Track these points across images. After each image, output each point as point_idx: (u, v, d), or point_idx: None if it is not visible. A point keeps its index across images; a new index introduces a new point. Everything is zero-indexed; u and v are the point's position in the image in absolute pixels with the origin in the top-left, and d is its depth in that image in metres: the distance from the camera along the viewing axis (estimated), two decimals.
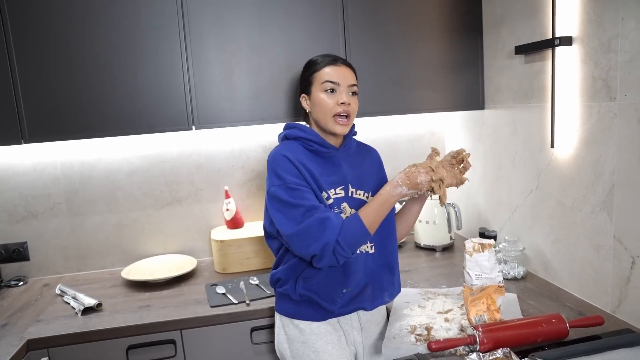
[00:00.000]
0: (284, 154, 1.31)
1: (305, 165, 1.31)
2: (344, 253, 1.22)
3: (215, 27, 1.74)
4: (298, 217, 1.25)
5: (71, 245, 2.06)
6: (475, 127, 2.07)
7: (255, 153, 2.16)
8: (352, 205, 1.36)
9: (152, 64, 1.72)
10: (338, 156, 1.40)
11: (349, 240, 1.22)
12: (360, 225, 1.23)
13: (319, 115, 1.37)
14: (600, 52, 1.35)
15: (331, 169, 1.38)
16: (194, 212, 2.15)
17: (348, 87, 1.36)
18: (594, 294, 1.46)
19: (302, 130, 1.39)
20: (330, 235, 1.20)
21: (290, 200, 1.26)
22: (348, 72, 1.38)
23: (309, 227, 1.22)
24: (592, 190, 1.43)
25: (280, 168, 1.30)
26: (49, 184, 2.02)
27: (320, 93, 1.36)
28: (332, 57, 1.39)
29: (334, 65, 1.37)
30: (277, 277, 1.41)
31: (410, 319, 1.44)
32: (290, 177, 1.28)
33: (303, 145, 1.37)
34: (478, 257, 1.35)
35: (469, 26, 1.93)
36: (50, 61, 1.66)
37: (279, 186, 1.28)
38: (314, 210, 1.24)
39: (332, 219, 1.22)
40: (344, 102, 1.34)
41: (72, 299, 1.71)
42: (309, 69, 1.40)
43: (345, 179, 1.38)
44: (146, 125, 1.74)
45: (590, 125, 1.41)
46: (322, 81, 1.35)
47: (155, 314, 1.59)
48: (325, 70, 1.36)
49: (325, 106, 1.35)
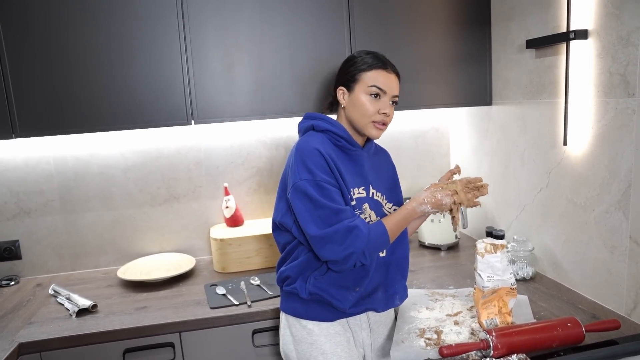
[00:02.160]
0: (316, 147, 1.25)
1: (335, 162, 1.26)
2: (364, 261, 1.22)
3: (215, 18, 1.68)
4: (326, 219, 1.20)
5: (65, 244, 2.00)
6: (481, 124, 2.02)
7: (256, 149, 2.10)
8: (372, 207, 1.32)
9: (149, 55, 1.65)
10: (362, 156, 1.37)
11: (373, 250, 1.23)
12: (385, 236, 1.24)
13: (356, 117, 1.32)
14: (619, 46, 1.30)
15: (355, 168, 1.33)
16: (192, 210, 2.08)
17: (391, 97, 1.32)
18: (608, 296, 1.42)
19: (331, 123, 1.33)
20: (358, 245, 1.19)
21: (319, 199, 1.20)
22: (396, 81, 1.33)
23: (337, 232, 1.19)
24: (607, 189, 1.38)
25: (311, 161, 1.23)
26: (42, 180, 1.95)
27: (363, 95, 1.30)
28: (383, 62, 1.32)
29: (385, 71, 1.31)
30: (286, 275, 1.35)
31: (419, 322, 1.39)
32: (321, 173, 1.23)
33: (330, 140, 1.32)
34: (490, 258, 1.31)
35: (476, 19, 1.88)
36: (43, 52, 1.59)
37: (307, 181, 1.22)
38: (341, 214, 1.20)
39: (361, 228, 1.20)
40: (386, 112, 1.30)
41: (66, 300, 1.64)
42: (356, 65, 1.33)
43: (367, 179, 1.35)
44: (143, 119, 1.68)
45: (606, 122, 1.36)
46: (369, 84, 1.30)
47: (153, 316, 1.53)
48: (376, 73, 1.30)
49: (366, 111, 1.30)
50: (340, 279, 1.29)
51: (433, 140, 2.30)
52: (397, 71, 1.35)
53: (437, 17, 1.85)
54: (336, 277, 1.29)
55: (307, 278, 1.31)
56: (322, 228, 1.20)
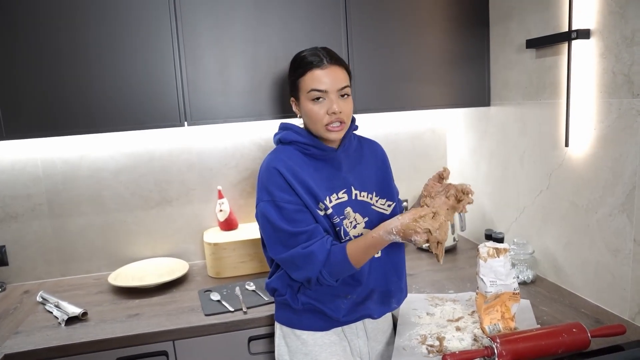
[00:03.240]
0: (275, 167, 1.21)
1: (299, 176, 1.21)
2: (327, 282, 1.20)
3: (209, 17, 1.63)
4: (284, 241, 1.20)
5: (54, 249, 1.94)
6: (479, 125, 1.99)
7: (250, 151, 2.06)
8: (356, 209, 1.28)
9: (141, 55, 1.60)
10: (337, 157, 1.30)
11: (333, 273, 1.19)
12: (345, 261, 1.18)
13: (310, 125, 1.26)
14: (622, 46, 1.28)
15: (331, 172, 1.28)
16: (185, 213, 2.04)
17: (338, 91, 1.22)
18: (611, 300, 1.39)
19: (298, 133, 1.28)
20: (313, 270, 1.18)
21: (276, 222, 1.19)
22: (337, 72, 1.22)
23: (293, 257, 1.19)
24: (610, 192, 1.36)
25: (270, 182, 1.21)
26: (29, 184, 1.89)
27: (307, 102, 1.23)
28: (318, 57, 1.22)
29: (319, 68, 1.21)
30: (272, 287, 1.32)
31: (420, 328, 1.36)
32: (280, 193, 1.20)
33: (299, 150, 1.27)
34: (493, 262, 1.28)
35: (475, 19, 1.85)
36: (31, 52, 1.53)
37: (267, 202, 1.21)
38: (300, 236, 1.19)
39: (316, 254, 1.17)
40: (334, 111, 1.21)
41: (55, 308, 1.59)
42: (295, 71, 1.26)
43: (347, 182, 1.29)
44: (135, 121, 1.63)
45: (609, 123, 1.34)
46: (308, 89, 1.22)
47: (146, 324, 1.48)
48: (310, 76, 1.21)
49: (314, 117, 1.23)
50: (330, 288, 1.25)
51: (430, 142, 2.27)
52: (337, 60, 1.24)
53: (434, 17, 1.82)
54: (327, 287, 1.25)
55: (297, 289, 1.28)
56: (281, 251, 1.21)
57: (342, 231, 1.23)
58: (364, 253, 1.18)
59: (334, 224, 1.23)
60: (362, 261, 1.19)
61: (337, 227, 1.23)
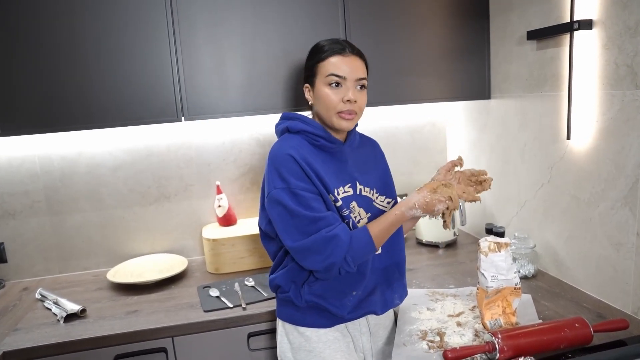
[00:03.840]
0: (288, 153, 1.18)
1: (312, 165, 1.19)
2: (349, 268, 1.18)
3: (205, 11, 1.61)
4: (302, 228, 1.15)
5: (52, 246, 1.93)
6: (480, 118, 1.97)
7: (248, 146, 2.04)
8: (360, 204, 1.26)
9: (137, 49, 1.58)
10: (344, 151, 1.29)
11: (356, 257, 1.17)
12: (369, 242, 1.18)
13: (322, 111, 1.24)
14: (626, 36, 1.25)
15: (338, 165, 1.26)
16: (183, 209, 2.02)
17: (356, 82, 1.22)
18: (613, 294, 1.38)
19: (307, 122, 1.26)
20: (338, 254, 1.14)
21: (294, 208, 1.15)
22: (357, 62, 1.23)
23: (315, 242, 1.14)
24: (613, 185, 1.34)
25: (284, 169, 1.17)
26: (27, 181, 1.88)
27: (324, 87, 1.22)
28: (340, 45, 1.23)
29: (342, 55, 1.21)
30: (275, 284, 1.30)
31: (420, 323, 1.35)
32: (295, 180, 1.16)
33: (307, 140, 1.25)
34: (494, 257, 1.26)
35: (474, 11, 1.83)
36: (25, 47, 1.51)
37: (282, 189, 1.16)
38: (320, 222, 1.15)
39: (341, 237, 1.14)
40: (349, 99, 1.20)
41: (54, 305, 1.58)
42: (314, 57, 1.25)
43: (352, 176, 1.28)
44: (132, 116, 1.61)
45: (612, 115, 1.32)
46: (326, 74, 1.21)
47: (145, 320, 1.47)
48: (330, 61, 1.21)
49: (329, 102, 1.21)
50: (336, 284, 1.24)
51: (430, 136, 2.25)
52: (359, 52, 1.25)
53: (433, 9, 1.79)
54: (332, 282, 1.24)
55: (300, 286, 1.26)
56: (299, 239, 1.16)
57: (351, 224, 1.22)
58: (386, 232, 1.21)
59: (343, 216, 1.22)
60: (382, 242, 1.22)
61: (346, 219, 1.22)
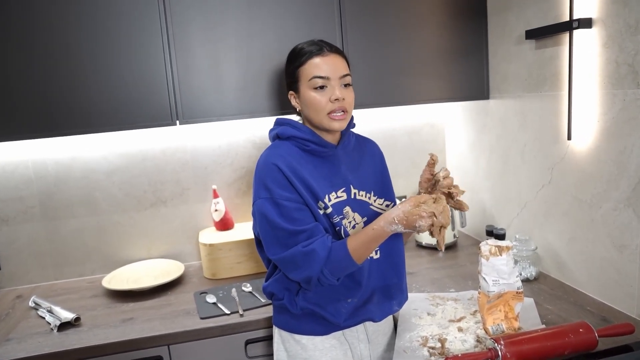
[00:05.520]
0: (274, 162, 1.16)
1: (298, 173, 1.17)
2: (328, 281, 1.15)
3: (199, 11, 1.59)
4: (282, 240, 1.15)
5: (47, 252, 1.90)
6: (478, 119, 1.95)
7: (244, 149, 2.02)
8: (355, 209, 1.24)
9: (130, 52, 1.56)
10: (337, 155, 1.26)
11: (335, 271, 1.14)
12: (347, 257, 1.13)
13: (312, 115, 1.21)
14: (626, 35, 1.23)
15: (330, 169, 1.24)
16: (180, 214, 2.00)
17: (340, 79, 1.19)
18: (617, 297, 1.36)
19: (296, 128, 1.24)
20: (315, 268, 1.12)
21: (275, 220, 1.14)
22: (338, 60, 1.21)
23: (293, 256, 1.14)
24: (615, 185, 1.32)
25: (269, 178, 1.16)
26: (21, 186, 1.85)
27: (309, 91, 1.19)
28: (317, 46, 1.20)
29: (321, 55, 1.19)
30: (270, 291, 1.28)
31: (421, 329, 1.32)
32: (279, 190, 1.15)
33: (298, 146, 1.23)
34: (495, 261, 1.24)
35: (472, 10, 1.80)
36: (18, 51, 1.49)
37: (265, 199, 1.15)
38: (300, 235, 1.14)
39: (317, 251, 1.12)
40: (337, 97, 1.18)
41: (48, 313, 1.55)
42: (293, 63, 1.23)
43: (346, 180, 1.25)
44: (126, 120, 1.59)
45: (613, 115, 1.30)
46: (309, 77, 1.19)
47: (140, 328, 1.44)
48: (311, 63, 1.19)
49: (317, 105, 1.19)
50: (330, 292, 1.22)
51: (428, 137, 2.23)
52: (337, 49, 1.23)
53: (430, 9, 1.77)
54: (326, 290, 1.21)
55: (295, 293, 1.24)
56: (279, 252, 1.16)
57: (343, 231, 1.19)
58: (365, 248, 1.14)
59: (334, 223, 1.19)
60: (364, 256, 1.15)
61: (337, 226, 1.20)
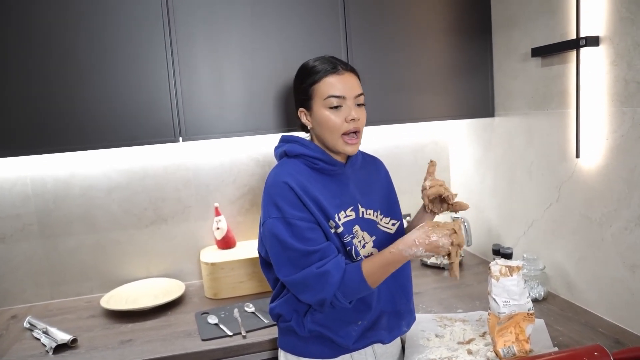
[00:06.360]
0: (284, 180, 1.14)
1: (309, 192, 1.14)
2: (340, 304, 1.13)
3: (204, 27, 1.58)
4: (295, 261, 1.11)
5: (44, 271, 1.86)
6: (484, 136, 1.93)
7: (247, 166, 2.00)
8: (364, 228, 1.21)
9: (133, 68, 1.54)
10: (345, 173, 1.24)
11: (348, 294, 1.12)
12: (362, 282, 1.10)
13: (326, 135, 1.19)
14: (635, 52, 1.23)
15: (339, 188, 1.21)
16: (181, 232, 1.96)
17: (355, 99, 1.18)
18: (629, 318, 1.32)
19: (305, 145, 1.21)
20: (329, 291, 1.10)
21: (287, 240, 1.11)
22: (352, 79, 1.19)
23: (306, 278, 1.10)
24: (626, 204, 1.30)
25: (279, 197, 1.13)
26: (18, 204, 1.82)
27: (323, 110, 1.17)
28: (331, 63, 1.18)
29: (336, 74, 1.17)
30: (277, 313, 1.24)
31: (429, 352, 1.28)
32: (291, 209, 1.12)
33: (306, 164, 1.20)
34: (505, 281, 1.21)
35: (476, 27, 1.80)
36: (16, 64, 1.47)
37: (277, 219, 1.12)
38: (313, 255, 1.10)
39: (332, 273, 1.09)
40: (353, 118, 1.16)
41: (43, 334, 1.51)
42: (306, 79, 1.20)
43: (354, 199, 1.23)
44: (127, 136, 1.56)
45: (623, 133, 1.28)
46: (324, 96, 1.16)
47: (139, 350, 1.40)
48: (327, 82, 1.16)
49: (332, 125, 1.16)
50: (340, 314, 1.18)
51: (433, 155, 2.21)
52: (351, 68, 1.21)
53: (435, 26, 1.77)
54: (336, 312, 1.18)
55: (303, 315, 1.20)
56: (291, 273, 1.12)
57: (354, 251, 1.17)
58: (381, 272, 1.11)
59: (345, 243, 1.17)
60: (379, 281, 1.12)
61: (348, 246, 1.17)
